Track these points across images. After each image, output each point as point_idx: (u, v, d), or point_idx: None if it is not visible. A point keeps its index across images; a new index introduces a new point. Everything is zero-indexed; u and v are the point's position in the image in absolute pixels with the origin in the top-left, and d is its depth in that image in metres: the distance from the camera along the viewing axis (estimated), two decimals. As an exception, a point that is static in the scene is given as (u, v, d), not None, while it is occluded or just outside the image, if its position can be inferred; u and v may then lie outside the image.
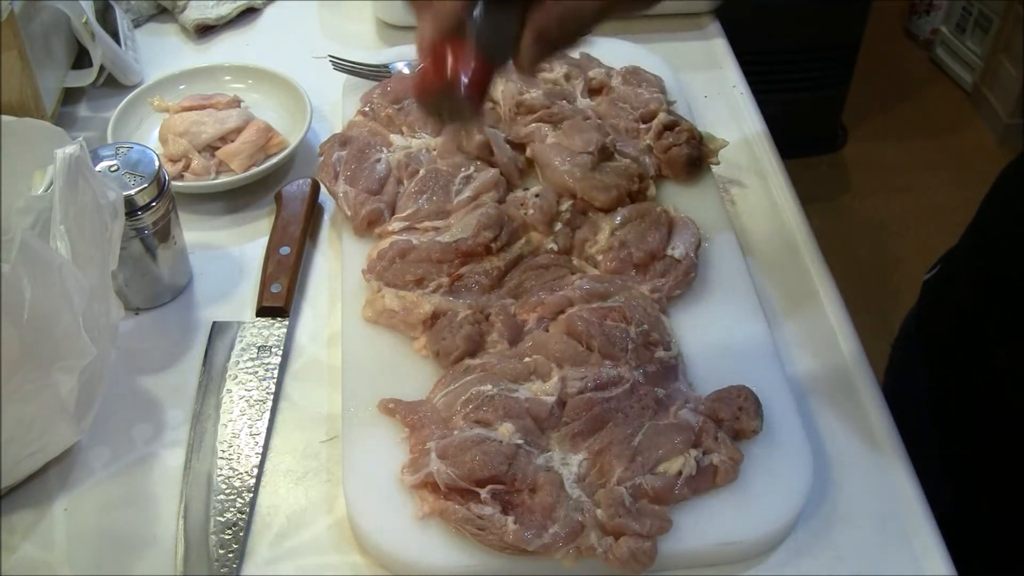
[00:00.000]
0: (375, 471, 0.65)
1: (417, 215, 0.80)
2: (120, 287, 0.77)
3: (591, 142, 0.83)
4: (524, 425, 0.64)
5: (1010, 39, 2.49)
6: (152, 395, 0.74)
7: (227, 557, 0.64)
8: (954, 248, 0.89)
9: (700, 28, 1.10)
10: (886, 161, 2.55)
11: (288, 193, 0.85)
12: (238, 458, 0.69)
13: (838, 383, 0.75)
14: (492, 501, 0.61)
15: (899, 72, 2.80)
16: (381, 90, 0.90)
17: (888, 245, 2.33)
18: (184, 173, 0.87)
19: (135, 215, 0.73)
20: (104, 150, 0.75)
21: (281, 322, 0.78)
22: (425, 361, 0.72)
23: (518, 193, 0.81)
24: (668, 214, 0.80)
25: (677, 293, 0.76)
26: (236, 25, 1.09)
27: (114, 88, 0.98)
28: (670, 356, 0.70)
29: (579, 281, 0.74)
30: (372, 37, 1.08)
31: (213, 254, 0.84)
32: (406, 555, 0.61)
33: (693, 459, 0.63)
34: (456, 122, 0.64)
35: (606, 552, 0.60)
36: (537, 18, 0.55)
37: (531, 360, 0.69)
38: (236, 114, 0.90)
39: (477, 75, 0.57)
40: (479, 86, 0.58)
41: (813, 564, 0.64)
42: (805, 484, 0.65)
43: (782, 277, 0.83)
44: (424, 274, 0.75)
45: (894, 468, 0.69)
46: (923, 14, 2.83)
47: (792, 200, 0.89)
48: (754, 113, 0.99)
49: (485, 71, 0.57)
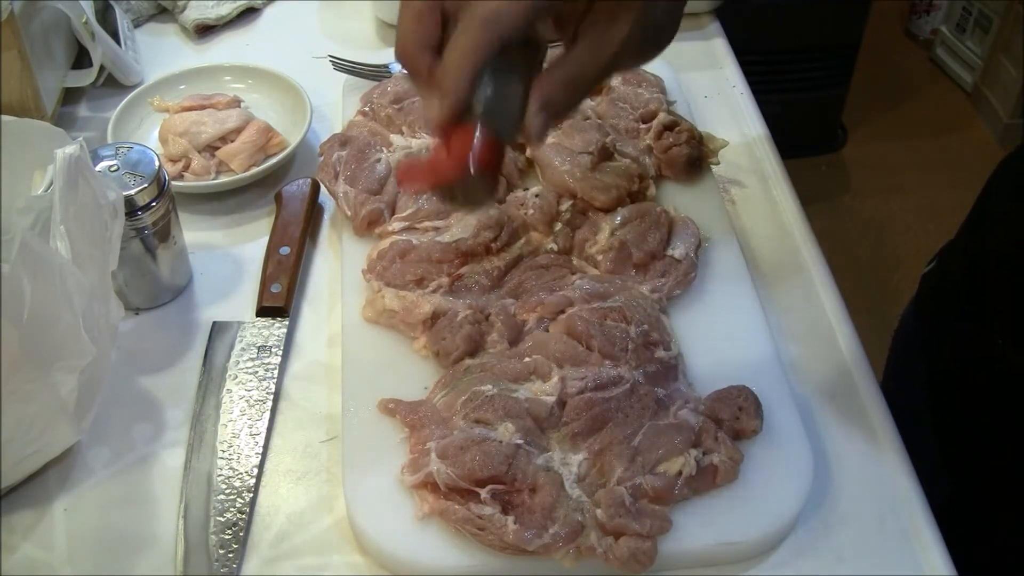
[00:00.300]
0: (375, 471, 0.65)
1: (417, 215, 0.80)
2: (120, 287, 0.77)
3: (591, 142, 0.83)
4: (524, 425, 0.64)
5: (1010, 39, 2.49)
6: (152, 395, 0.74)
7: (227, 557, 0.64)
8: (951, 242, 0.90)
9: (700, 28, 1.10)
10: (886, 161, 2.55)
11: (288, 193, 0.86)
12: (238, 458, 0.69)
13: (838, 383, 0.75)
14: (492, 501, 0.61)
15: (899, 72, 2.80)
16: (381, 90, 0.90)
17: (888, 245, 2.34)
18: (184, 173, 0.87)
19: (135, 215, 0.73)
20: (104, 150, 0.75)
21: (281, 322, 0.78)
22: (425, 361, 0.72)
23: (518, 193, 0.81)
24: (668, 214, 0.80)
25: (677, 293, 0.76)
26: (236, 25, 1.09)
27: (114, 88, 0.98)
28: (670, 356, 0.70)
29: (579, 281, 0.74)
30: (372, 37, 1.08)
31: (213, 254, 0.84)
32: (406, 555, 0.61)
33: (693, 459, 0.63)
34: (471, 205, 0.63)
35: (606, 552, 0.60)
36: (542, 87, 0.54)
37: (531, 360, 0.69)
38: (236, 114, 0.90)
39: (489, 154, 0.55)
40: (492, 166, 0.56)
41: (813, 564, 0.64)
42: (805, 484, 0.65)
43: (782, 277, 0.83)
44: (424, 274, 0.75)
45: (894, 468, 0.69)
46: (923, 14, 2.83)
47: (792, 200, 0.89)
48: (754, 113, 0.99)
49: (496, 149, 0.56)
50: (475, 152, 0.55)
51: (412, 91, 0.90)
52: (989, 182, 0.84)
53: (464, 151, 0.55)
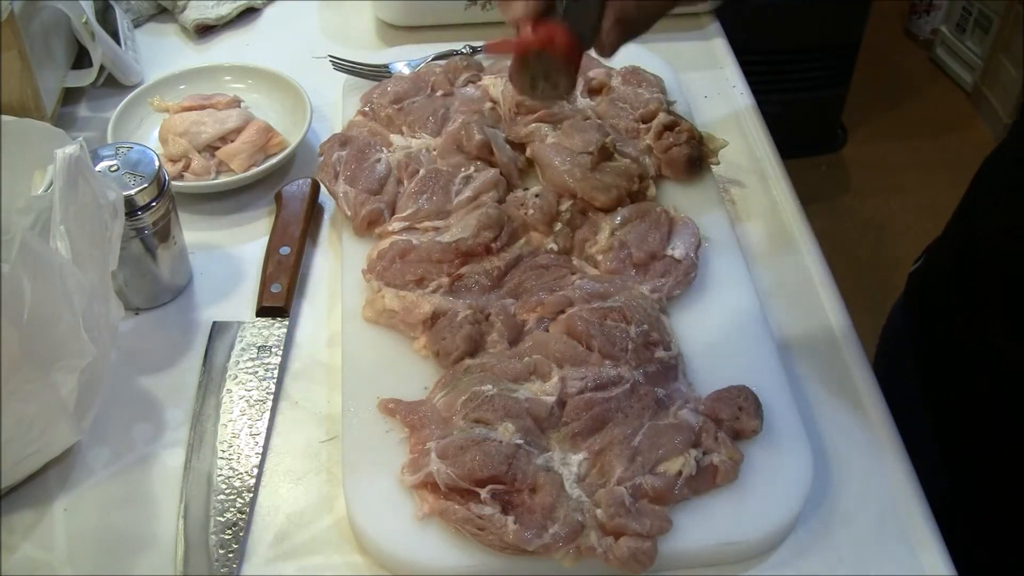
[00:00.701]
0: (375, 471, 0.65)
1: (417, 215, 0.80)
2: (120, 287, 0.77)
3: (591, 142, 0.83)
4: (524, 425, 0.64)
5: (1010, 39, 2.49)
6: (152, 395, 0.74)
7: (227, 557, 0.64)
8: (939, 238, 0.91)
9: (700, 28, 1.10)
10: (886, 161, 2.55)
11: (288, 193, 0.85)
12: (238, 458, 0.69)
13: (838, 383, 0.75)
14: (492, 501, 0.61)
15: (899, 72, 2.80)
16: (381, 90, 0.90)
17: (888, 245, 2.33)
18: (184, 173, 0.87)
19: (135, 215, 0.73)
20: (104, 150, 0.75)
21: (281, 322, 0.78)
22: (425, 361, 0.72)
23: (518, 193, 0.81)
24: (668, 214, 0.80)
25: (677, 293, 0.76)
26: (236, 25, 1.09)
27: (114, 88, 0.98)
28: (670, 356, 0.70)
29: (579, 281, 0.74)
30: (372, 37, 1.08)
31: (213, 254, 0.84)
32: (406, 555, 0.61)
33: (693, 459, 0.63)
34: (550, 93, 0.67)
35: (606, 552, 0.60)
36: (617, 3, 0.59)
37: (531, 360, 0.69)
38: (236, 114, 0.90)
39: (571, 44, 0.61)
40: (573, 57, 0.62)
41: (813, 564, 0.64)
42: (805, 484, 0.65)
43: (782, 277, 0.83)
44: (424, 274, 0.75)
45: (894, 468, 0.69)
46: (923, 14, 2.83)
47: (792, 200, 0.89)
48: (754, 113, 0.99)
49: (577, 48, 0.61)
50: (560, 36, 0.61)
51: (412, 91, 0.90)
52: (974, 182, 0.85)
53: (551, 32, 0.61)
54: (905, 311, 0.94)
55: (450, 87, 0.91)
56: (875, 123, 2.63)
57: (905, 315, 0.94)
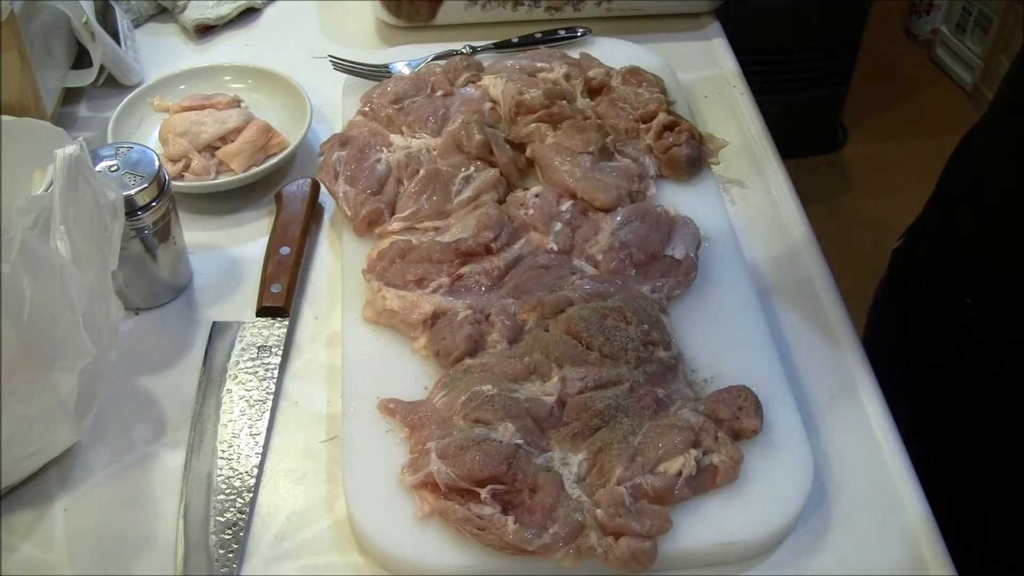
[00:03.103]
0: (375, 471, 0.65)
1: (417, 215, 0.80)
2: (120, 287, 0.77)
3: (591, 142, 0.83)
4: (524, 425, 0.64)
5: (1010, 39, 2.49)
6: (152, 395, 0.74)
7: (227, 557, 0.64)
8: (919, 217, 0.94)
9: (700, 28, 1.10)
10: (886, 161, 2.55)
11: (288, 193, 0.85)
12: (238, 458, 0.69)
13: (838, 383, 0.75)
14: (492, 501, 0.61)
15: (899, 72, 2.80)
16: (381, 90, 0.90)
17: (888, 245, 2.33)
18: (184, 173, 0.87)
19: (135, 215, 0.73)
20: (104, 150, 0.75)
21: (281, 322, 0.78)
22: (425, 361, 0.72)
23: (518, 193, 0.81)
24: (668, 214, 0.80)
25: (677, 293, 0.76)
26: (236, 25, 1.09)
27: (114, 88, 0.98)
28: (670, 356, 0.70)
29: (579, 281, 0.74)
30: (372, 37, 1.08)
31: (213, 254, 0.84)
32: (406, 555, 0.61)
33: (693, 459, 0.63)
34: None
35: (606, 552, 0.60)
36: None
37: (531, 360, 0.69)
38: (236, 114, 0.90)
39: None
40: None
41: (813, 564, 0.64)
42: (805, 484, 0.65)
43: (782, 277, 0.83)
44: (424, 274, 0.75)
45: (894, 468, 0.69)
46: (923, 14, 2.83)
47: (792, 200, 0.89)
48: (754, 113, 0.99)
49: None
50: None
51: (412, 91, 0.90)
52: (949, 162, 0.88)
53: None
54: (890, 288, 0.97)
55: (450, 87, 0.91)
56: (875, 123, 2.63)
57: (889, 293, 0.96)
